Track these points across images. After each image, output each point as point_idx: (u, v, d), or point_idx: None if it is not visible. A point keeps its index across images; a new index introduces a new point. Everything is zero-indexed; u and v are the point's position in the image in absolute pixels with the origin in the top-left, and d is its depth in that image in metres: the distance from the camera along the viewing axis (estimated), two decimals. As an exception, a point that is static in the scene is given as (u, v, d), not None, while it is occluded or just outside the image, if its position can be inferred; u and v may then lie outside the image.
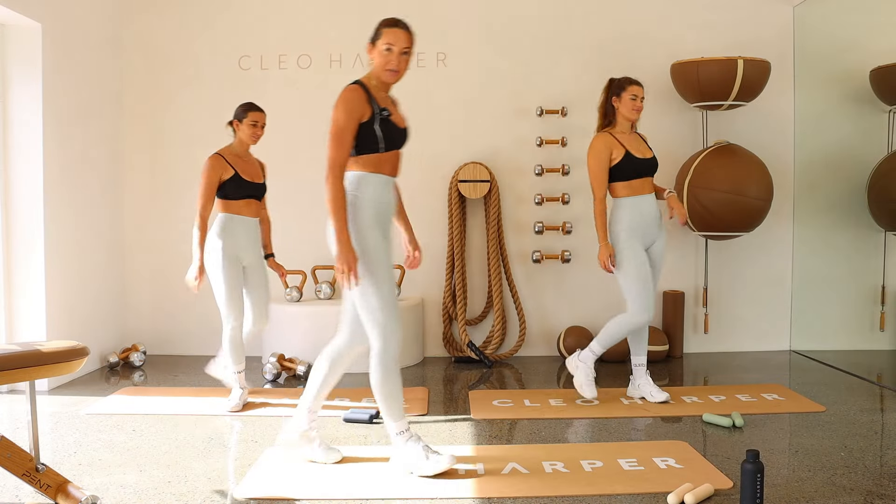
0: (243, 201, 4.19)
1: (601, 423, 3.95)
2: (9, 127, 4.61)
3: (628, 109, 4.17)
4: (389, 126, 3.11)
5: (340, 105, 3.02)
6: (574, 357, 4.35)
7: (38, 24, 4.55)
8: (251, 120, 4.18)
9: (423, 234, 5.64)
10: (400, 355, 3.18)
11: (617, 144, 4.17)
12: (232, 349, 4.22)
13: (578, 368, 4.29)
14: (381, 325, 3.08)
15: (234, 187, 4.15)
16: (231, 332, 4.19)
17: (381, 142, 3.08)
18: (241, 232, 4.19)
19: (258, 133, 4.21)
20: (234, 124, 4.22)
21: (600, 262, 4.18)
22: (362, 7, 5.61)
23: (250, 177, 4.22)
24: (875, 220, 5.48)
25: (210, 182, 4.09)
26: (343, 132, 3.01)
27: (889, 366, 5.61)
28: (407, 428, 3.18)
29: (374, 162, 3.10)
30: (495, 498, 2.96)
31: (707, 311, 5.69)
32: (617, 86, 4.20)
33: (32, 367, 2.68)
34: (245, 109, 4.20)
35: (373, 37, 3.13)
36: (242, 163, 4.22)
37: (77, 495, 2.78)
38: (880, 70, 5.38)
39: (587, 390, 4.23)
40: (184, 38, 5.64)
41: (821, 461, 3.32)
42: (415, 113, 5.62)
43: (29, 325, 4.64)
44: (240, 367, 4.25)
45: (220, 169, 4.12)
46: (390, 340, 3.10)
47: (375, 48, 3.10)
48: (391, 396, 3.15)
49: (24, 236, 4.63)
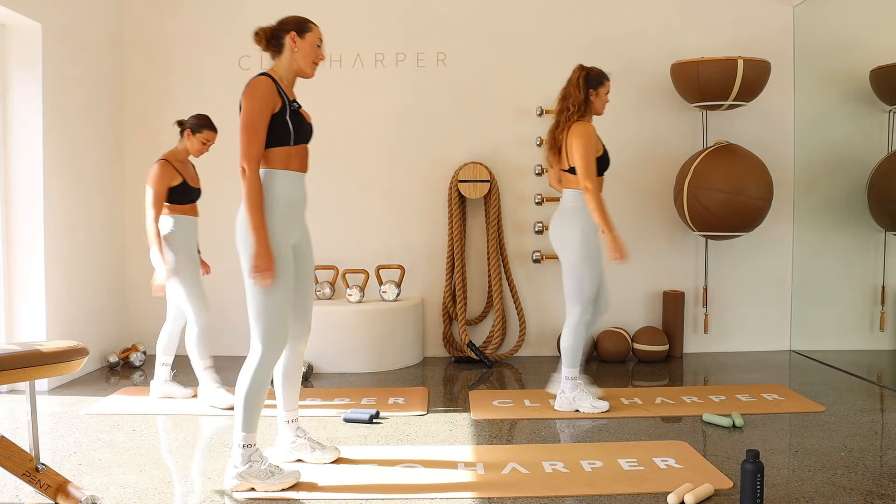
0: (190, 205, 4.33)
1: (601, 423, 3.95)
2: (9, 127, 4.62)
3: (602, 104, 4.06)
4: (299, 118, 3.06)
5: (252, 95, 2.92)
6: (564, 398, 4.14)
7: (38, 24, 4.55)
8: (204, 137, 4.29)
9: (424, 234, 5.67)
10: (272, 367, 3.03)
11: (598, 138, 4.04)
12: (204, 342, 4.30)
13: (575, 399, 4.12)
14: (264, 335, 2.98)
15: (184, 193, 4.28)
16: (202, 325, 4.27)
17: (291, 134, 3.00)
18: (191, 231, 4.34)
19: (204, 151, 4.33)
20: (187, 133, 4.28)
21: (618, 254, 3.91)
22: (362, 7, 5.61)
23: (194, 182, 4.38)
24: (875, 220, 5.48)
25: (161, 190, 4.18)
26: (257, 123, 2.91)
27: (889, 366, 5.61)
28: (254, 443, 3.03)
29: (283, 157, 3.01)
30: (495, 498, 2.96)
31: (707, 311, 5.69)
32: (596, 79, 4.03)
33: (32, 367, 2.68)
34: (201, 125, 4.28)
35: (299, 30, 3.05)
36: (186, 169, 4.35)
37: (77, 495, 2.78)
38: (880, 70, 5.38)
39: (598, 405, 4.09)
40: (184, 38, 5.64)
41: (821, 461, 3.32)
42: (415, 113, 5.68)
43: (29, 325, 4.64)
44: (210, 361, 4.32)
45: (170, 176, 4.22)
46: (269, 353, 2.99)
47: (304, 41, 3.04)
48: (254, 407, 3.01)
49: (24, 236, 4.63)
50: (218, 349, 5.71)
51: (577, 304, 4.08)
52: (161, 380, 4.42)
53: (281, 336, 3.01)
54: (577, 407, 4.11)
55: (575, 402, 4.12)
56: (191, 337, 4.28)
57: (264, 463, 3.03)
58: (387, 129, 5.64)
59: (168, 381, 4.44)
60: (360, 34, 5.62)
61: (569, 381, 4.14)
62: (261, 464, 3.02)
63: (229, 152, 5.58)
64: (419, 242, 5.68)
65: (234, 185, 5.45)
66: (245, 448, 3.02)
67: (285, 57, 3.07)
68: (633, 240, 5.69)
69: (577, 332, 4.09)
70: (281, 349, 3.04)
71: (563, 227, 4.06)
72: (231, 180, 5.51)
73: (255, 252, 2.89)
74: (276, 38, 3.08)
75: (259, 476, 3.00)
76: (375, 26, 5.61)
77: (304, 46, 3.05)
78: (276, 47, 3.08)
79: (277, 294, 2.98)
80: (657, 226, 5.70)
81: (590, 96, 4.02)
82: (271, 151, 3.00)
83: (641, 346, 5.41)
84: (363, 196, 5.65)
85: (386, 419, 4.03)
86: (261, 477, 3.00)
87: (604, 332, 5.50)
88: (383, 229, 5.68)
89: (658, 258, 5.71)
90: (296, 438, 3.36)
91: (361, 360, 5.17)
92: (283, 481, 3.02)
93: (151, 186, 4.15)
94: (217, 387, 4.27)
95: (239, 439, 3.02)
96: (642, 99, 5.64)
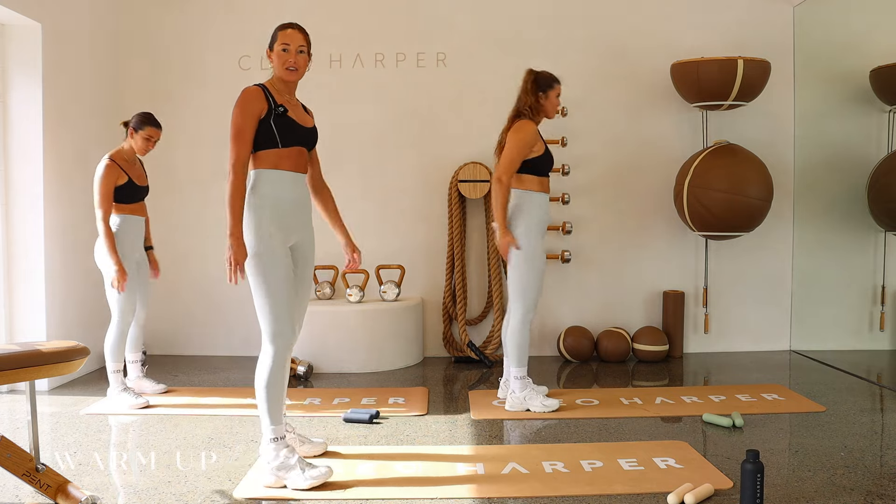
0: (136, 204, 4.34)
1: (601, 423, 3.95)
2: (9, 127, 4.62)
3: (553, 107, 4.11)
4: (287, 121, 3.11)
5: (237, 105, 3.06)
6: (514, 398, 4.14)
7: (38, 24, 4.55)
8: (147, 134, 4.27)
9: (424, 234, 5.67)
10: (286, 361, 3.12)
11: (540, 139, 4.09)
12: (120, 346, 4.30)
13: (526, 398, 4.12)
14: (272, 332, 3.08)
15: (130, 192, 4.28)
16: (122, 328, 4.27)
17: (276, 137, 3.09)
18: (137, 231, 4.35)
19: (150, 148, 4.31)
20: (130, 132, 4.28)
21: (502, 249, 4.02)
22: (362, 7, 5.61)
23: (141, 181, 4.37)
24: (875, 220, 5.48)
25: (108, 189, 4.17)
26: (241, 130, 3.04)
27: (889, 366, 5.60)
28: (283, 435, 3.12)
29: (273, 158, 3.10)
30: (495, 498, 2.96)
31: (707, 311, 5.69)
32: (545, 83, 4.09)
33: (32, 367, 2.68)
34: (142, 122, 4.27)
35: (270, 43, 3.18)
36: (133, 168, 4.34)
37: (77, 495, 2.78)
38: (880, 70, 5.38)
39: (548, 403, 4.10)
40: (184, 38, 5.64)
41: (821, 461, 3.32)
42: (415, 113, 5.68)
43: (29, 325, 4.64)
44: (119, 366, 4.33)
45: (116, 175, 4.22)
46: (280, 347, 3.09)
47: (273, 52, 3.16)
48: (275, 399, 3.09)
49: (23, 236, 4.64)
50: (218, 349, 5.72)
51: (520, 302, 4.10)
52: (133, 377, 4.49)
53: (285, 331, 3.08)
54: (528, 406, 4.13)
55: (525, 401, 4.13)
56: (109, 337, 4.27)
57: (294, 457, 3.08)
58: (387, 129, 5.64)
59: (140, 377, 4.51)
60: (360, 34, 5.62)
61: (518, 381, 4.15)
62: (291, 458, 3.07)
63: (229, 152, 5.62)
64: (419, 242, 5.68)
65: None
66: (273, 442, 3.08)
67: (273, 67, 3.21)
68: (633, 240, 5.70)
69: (522, 331, 4.11)
70: (287, 342, 3.10)
71: (508, 226, 4.10)
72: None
73: (229, 247, 3.00)
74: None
75: (289, 469, 3.05)
76: (375, 26, 5.61)
77: (274, 57, 3.17)
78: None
79: (278, 294, 3.06)
80: (657, 226, 5.70)
81: (539, 99, 4.09)
82: (260, 154, 3.10)
83: (641, 346, 5.41)
84: (363, 196, 5.65)
85: (386, 419, 4.03)
86: (292, 471, 3.04)
87: (604, 332, 5.50)
88: (383, 229, 5.68)
89: (658, 258, 5.71)
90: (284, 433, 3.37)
91: (361, 360, 5.17)
92: (315, 479, 3.04)
93: (98, 186, 4.15)
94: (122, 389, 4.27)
95: (268, 433, 3.09)
96: (642, 99, 5.63)
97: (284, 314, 3.08)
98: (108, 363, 4.28)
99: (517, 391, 4.15)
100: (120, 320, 4.26)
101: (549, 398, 4.17)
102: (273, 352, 3.09)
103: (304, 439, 3.47)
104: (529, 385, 4.17)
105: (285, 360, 3.11)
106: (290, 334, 3.11)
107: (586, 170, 5.62)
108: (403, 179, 5.67)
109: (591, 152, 5.58)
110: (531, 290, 4.09)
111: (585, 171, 5.62)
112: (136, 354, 4.53)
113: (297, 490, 3.02)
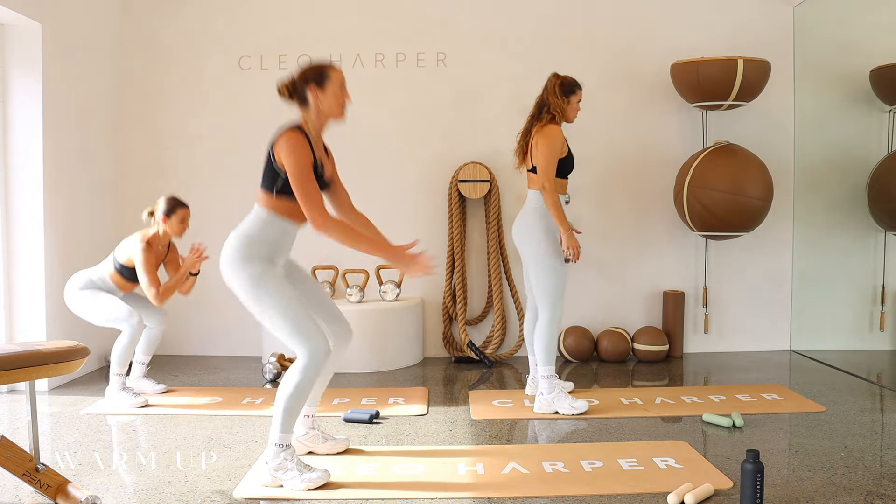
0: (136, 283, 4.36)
1: (601, 423, 3.95)
2: (9, 127, 4.62)
3: (574, 112, 4.18)
4: (319, 176, 3.09)
5: (292, 152, 2.96)
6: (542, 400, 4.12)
7: (38, 24, 4.55)
8: (181, 216, 4.29)
9: (424, 234, 5.66)
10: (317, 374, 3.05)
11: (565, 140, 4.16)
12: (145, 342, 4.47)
13: (554, 400, 4.10)
14: (307, 351, 3.01)
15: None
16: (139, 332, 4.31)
17: None
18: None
19: (186, 228, 4.34)
20: (162, 219, 4.26)
21: (573, 250, 4.02)
22: (362, 7, 5.61)
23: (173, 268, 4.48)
24: (875, 220, 5.48)
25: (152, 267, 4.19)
26: (308, 175, 2.97)
27: (889, 366, 5.60)
28: (290, 444, 3.08)
29: (287, 208, 3.07)
30: (495, 498, 2.96)
31: (707, 311, 5.69)
32: (569, 87, 4.15)
33: (32, 367, 2.68)
34: (175, 205, 4.27)
35: (318, 80, 3.05)
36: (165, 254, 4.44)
37: (77, 495, 2.78)
38: (880, 70, 5.38)
39: (577, 405, 4.08)
40: (184, 38, 5.63)
41: (821, 461, 3.32)
42: (415, 113, 5.68)
43: (29, 325, 4.64)
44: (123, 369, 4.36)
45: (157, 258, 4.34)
46: (311, 356, 3.01)
47: (325, 91, 3.05)
48: (293, 410, 3.05)
49: (23, 236, 4.64)
50: (218, 349, 5.72)
51: (547, 301, 4.10)
52: (135, 376, 4.51)
53: (317, 337, 3.02)
54: (557, 408, 4.10)
55: (554, 403, 4.11)
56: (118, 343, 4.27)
57: (293, 460, 3.08)
58: (387, 129, 5.64)
59: (141, 377, 4.52)
60: (360, 34, 5.62)
61: (545, 381, 4.13)
62: (291, 461, 3.07)
63: (230, 153, 5.63)
64: (419, 242, 5.66)
65: (237, 188, 5.50)
66: (278, 447, 3.07)
67: (312, 108, 3.08)
68: (633, 240, 5.70)
69: (550, 330, 4.11)
70: (321, 349, 3.02)
71: (526, 227, 4.14)
72: (234, 182, 5.54)
73: None
74: (298, 91, 3.09)
75: (286, 471, 3.05)
76: (375, 26, 5.61)
77: (328, 97, 3.06)
78: (301, 100, 3.09)
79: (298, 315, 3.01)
80: (657, 226, 5.70)
81: (563, 103, 4.14)
82: (280, 199, 3.06)
83: (641, 346, 5.41)
84: (363, 196, 5.59)
85: (386, 419, 4.04)
86: (289, 473, 3.04)
87: (604, 332, 5.50)
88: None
89: (658, 258, 5.71)
90: (308, 431, 3.45)
91: (361, 360, 5.17)
92: (312, 482, 3.04)
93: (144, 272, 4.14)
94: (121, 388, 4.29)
95: (276, 438, 3.07)
96: (642, 99, 5.63)
97: (307, 325, 3.02)
98: (113, 366, 4.29)
99: (545, 392, 4.12)
100: (130, 330, 4.26)
101: (577, 400, 4.12)
102: (304, 365, 3.01)
103: (327, 436, 3.49)
104: (557, 385, 4.15)
105: (316, 372, 3.04)
106: (322, 339, 3.04)
107: (586, 170, 5.61)
108: (403, 179, 5.67)
109: (592, 152, 5.58)
110: (556, 289, 4.08)
111: (585, 170, 5.60)
112: (146, 357, 4.51)
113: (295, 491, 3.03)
